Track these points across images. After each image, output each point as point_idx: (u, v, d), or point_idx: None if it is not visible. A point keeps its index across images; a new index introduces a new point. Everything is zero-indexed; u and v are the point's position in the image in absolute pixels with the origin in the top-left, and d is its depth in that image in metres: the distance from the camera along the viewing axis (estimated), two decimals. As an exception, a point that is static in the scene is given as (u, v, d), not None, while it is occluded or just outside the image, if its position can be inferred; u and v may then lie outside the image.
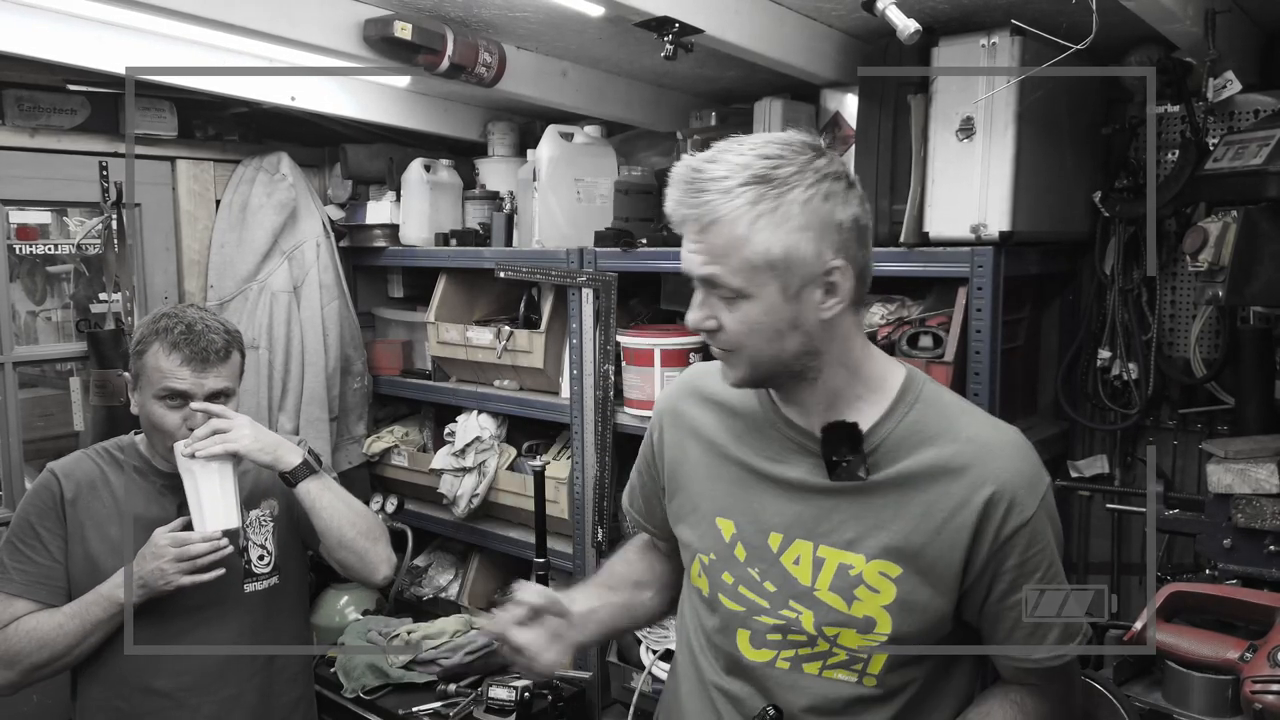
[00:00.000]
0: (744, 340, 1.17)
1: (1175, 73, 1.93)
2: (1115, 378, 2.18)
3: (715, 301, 1.17)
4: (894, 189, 1.98)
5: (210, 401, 1.78)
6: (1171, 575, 1.97)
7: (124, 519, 1.81)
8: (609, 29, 2.06)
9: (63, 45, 2.12)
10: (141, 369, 1.78)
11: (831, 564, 1.24)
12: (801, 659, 1.26)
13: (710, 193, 1.12)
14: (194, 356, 1.75)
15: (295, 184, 2.89)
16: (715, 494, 1.34)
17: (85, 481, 1.83)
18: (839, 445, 1.21)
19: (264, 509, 1.91)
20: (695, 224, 1.14)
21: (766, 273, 1.13)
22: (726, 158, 1.14)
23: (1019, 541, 1.20)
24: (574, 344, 2.50)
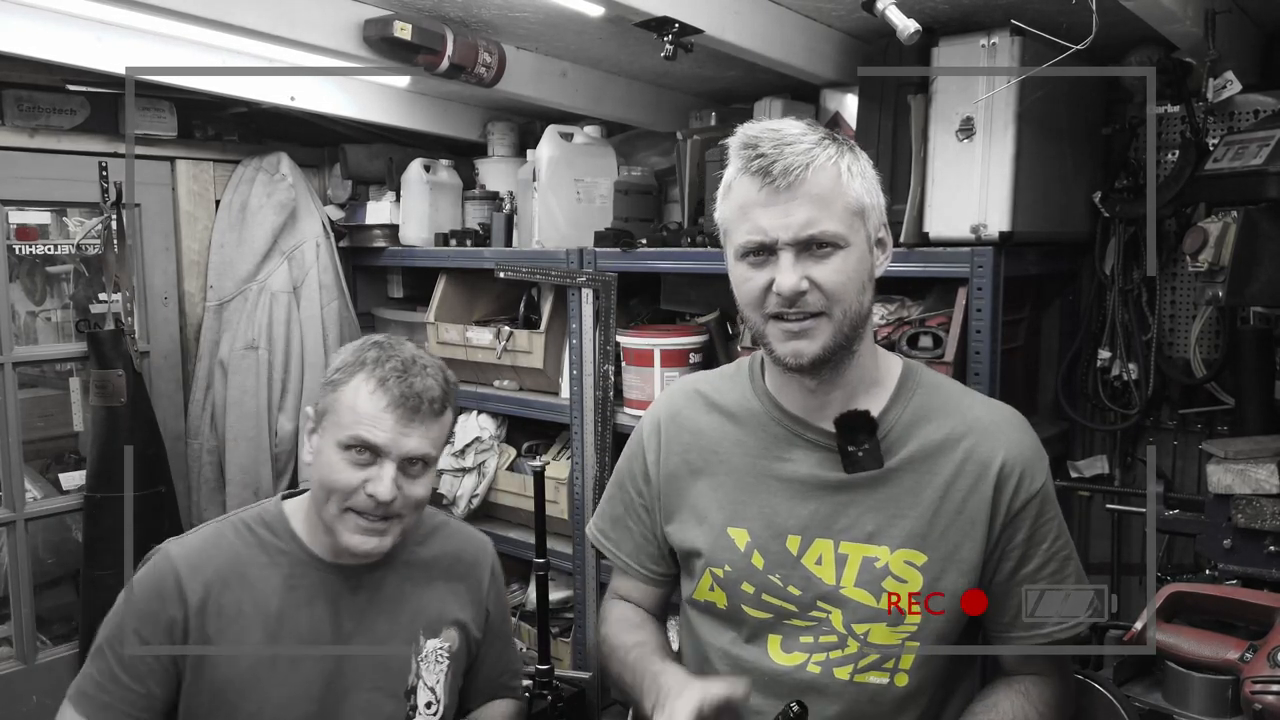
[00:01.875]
0: (840, 293, 1.17)
1: (1175, 73, 1.93)
2: (1115, 378, 2.18)
3: (807, 261, 1.16)
4: (894, 189, 1.97)
5: (405, 470, 1.36)
6: (1171, 575, 1.97)
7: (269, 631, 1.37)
8: (609, 29, 2.06)
9: (63, 45, 2.12)
10: (331, 405, 1.36)
11: (855, 559, 1.23)
12: (833, 663, 1.24)
13: (804, 143, 1.15)
14: (403, 402, 1.34)
15: (295, 184, 2.89)
16: (724, 502, 1.30)
17: (218, 577, 1.37)
18: (856, 434, 1.21)
19: (443, 640, 1.47)
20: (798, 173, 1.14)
21: (859, 219, 1.19)
22: (788, 123, 1.18)
23: (1029, 513, 1.23)
24: (574, 344, 2.50)
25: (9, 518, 2.56)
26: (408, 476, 1.36)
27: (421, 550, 1.50)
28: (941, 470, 1.22)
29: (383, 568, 1.44)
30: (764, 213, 1.16)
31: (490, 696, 1.59)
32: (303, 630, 1.38)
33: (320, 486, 1.37)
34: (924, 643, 1.22)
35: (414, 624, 1.44)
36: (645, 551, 1.43)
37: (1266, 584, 1.65)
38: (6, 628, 2.67)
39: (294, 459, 2.86)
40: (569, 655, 2.65)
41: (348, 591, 1.42)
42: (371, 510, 1.34)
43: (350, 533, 1.35)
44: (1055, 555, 1.26)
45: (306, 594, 1.40)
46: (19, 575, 2.57)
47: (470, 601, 1.52)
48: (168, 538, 1.46)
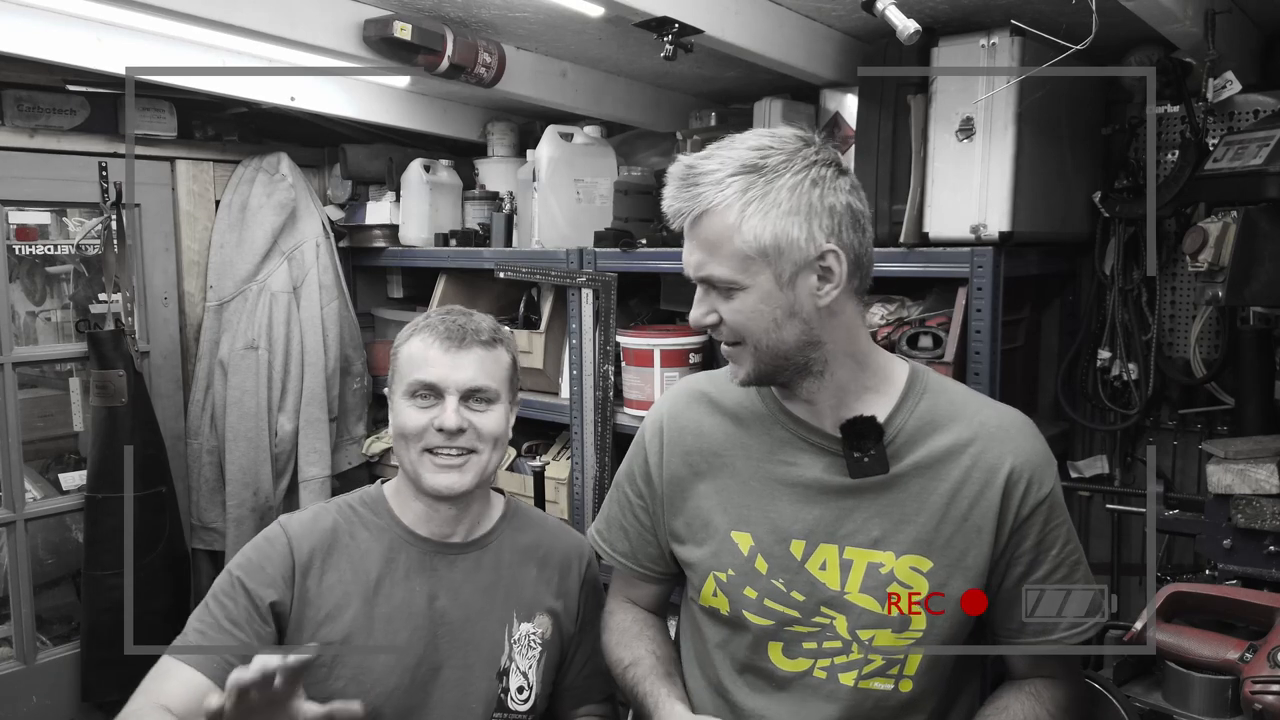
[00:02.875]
0: (744, 331, 1.18)
1: (1175, 73, 1.93)
2: (1115, 378, 2.18)
3: (714, 297, 1.19)
4: (894, 189, 1.98)
5: (468, 404, 1.41)
6: (1171, 575, 1.97)
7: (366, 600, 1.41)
8: (609, 29, 2.06)
9: (63, 45, 2.12)
10: (394, 369, 1.46)
11: (860, 565, 1.22)
12: (838, 668, 1.24)
13: (702, 185, 1.15)
14: (449, 335, 1.42)
15: (295, 184, 2.89)
16: (727, 506, 1.30)
17: (323, 544, 1.43)
18: (862, 439, 1.20)
19: (536, 625, 1.49)
20: (689, 217, 1.16)
21: (759, 261, 1.14)
22: (719, 153, 1.16)
23: (1037, 519, 1.22)
24: (574, 344, 2.50)
25: (9, 518, 2.56)
26: (472, 410, 1.42)
27: (519, 536, 1.54)
28: (949, 476, 1.22)
29: (478, 548, 1.49)
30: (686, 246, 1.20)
31: (581, 699, 1.58)
32: (398, 601, 1.42)
33: (399, 439, 1.43)
34: (929, 648, 1.22)
35: (507, 605, 1.47)
36: (643, 551, 1.43)
37: (1266, 584, 1.65)
38: (6, 628, 2.67)
39: (294, 459, 2.86)
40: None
41: (444, 567, 1.46)
42: (445, 445, 1.40)
43: (430, 473, 1.41)
44: (1064, 561, 1.25)
45: (404, 567, 1.44)
46: (19, 575, 2.57)
47: (564, 593, 1.54)
48: (168, 538, 1.45)
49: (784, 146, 1.15)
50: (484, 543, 1.50)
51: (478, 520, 1.51)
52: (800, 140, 1.17)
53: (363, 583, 1.42)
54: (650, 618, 1.49)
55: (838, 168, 1.18)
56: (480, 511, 1.52)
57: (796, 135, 1.18)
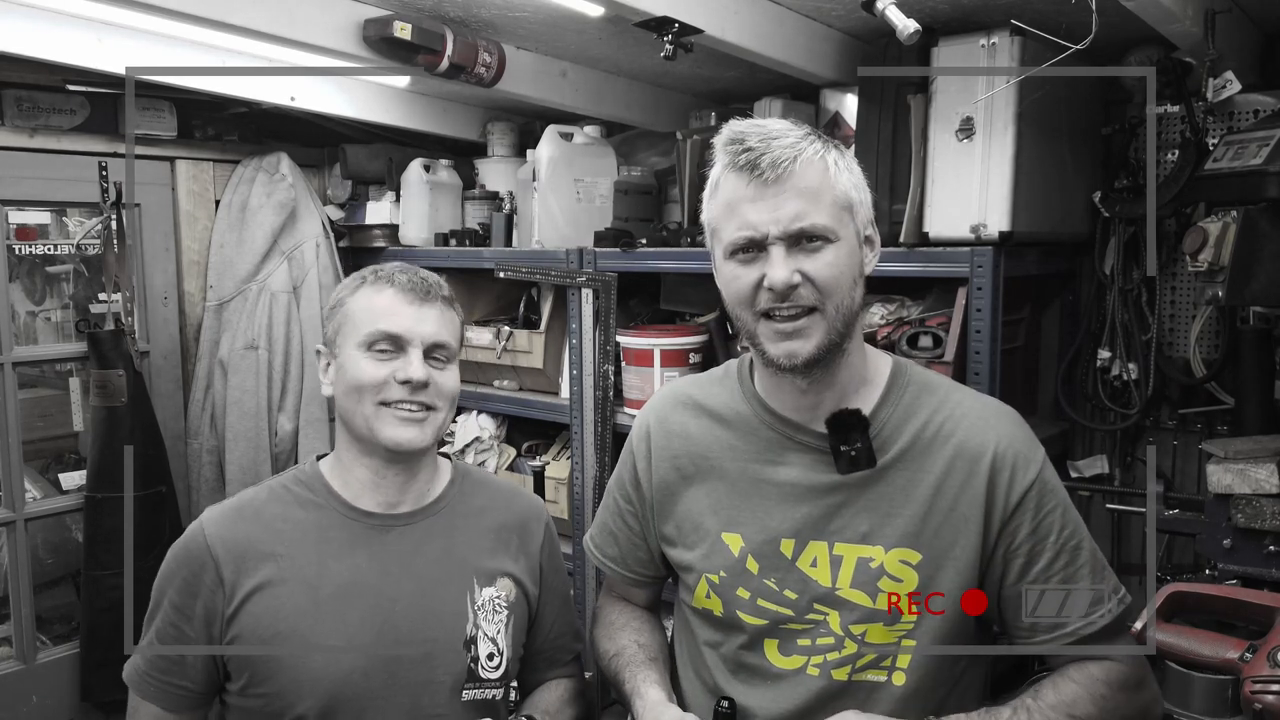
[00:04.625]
0: (832, 288, 1.16)
1: (1175, 73, 1.93)
2: (1115, 378, 2.18)
3: (799, 255, 1.15)
4: (894, 189, 1.98)
5: (430, 360, 1.36)
6: (1171, 575, 1.97)
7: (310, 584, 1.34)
8: (609, 29, 2.06)
9: (63, 45, 2.12)
10: (342, 321, 1.38)
11: (850, 560, 1.23)
12: (831, 664, 1.24)
13: (790, 137, 1.15)
14: (413, 289, 1.36)
15: (295, 184, 2.89)
16: (717, 508, 1.30)
17: (250, 539, 1.35)
18: (848, 433, 1.21)
19: (499, 589, 1.42)
20: (785, 166, 1.13)
21: (848, 214, 1.18)
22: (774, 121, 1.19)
23: (1029, 505, 1.21)
24: (574, 344, 2.50)
25: (9, 518, 2.56)
26: (434, 366, 1.36)
27: (471, 500, 1.48)
28: (933, 467, 1.22)
29: (427, 515, 1.43)
30: (752, 208, 1.15)
31: (551, 662, 1.54)
32: (344, 582, 1.34)
33: (349, 393, 1.35)
34: (921, 641, 1.22)
35: (466, 571, 1.40)
36: (632, 556, 1.44)
37: (1266, 584, 1.66)
38: (6, 628, 2.67)
39: (294, 459, 2.86)
40: (569, 655, 2.65)
41: (393, 540, 1.39)
42: (407, 397, 1.34)
43: (389, 425, 1.34)
44: (1065, 548, 1.23)
45: (347, 545, 1.37)
46: (19, 575, 2.57)
47: (524, 554, 1.48)
48: (168, 538, 1.45)
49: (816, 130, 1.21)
50: (434, 510, 1.43)
51: (426, 486, 1.44)
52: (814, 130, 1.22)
53: (303, 567, 1.34)
54: (638, 610, 1.51)
55: None
56: (429, 477, 1.45)
57: None
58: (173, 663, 1.34)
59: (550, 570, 1.52)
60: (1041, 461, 1.24)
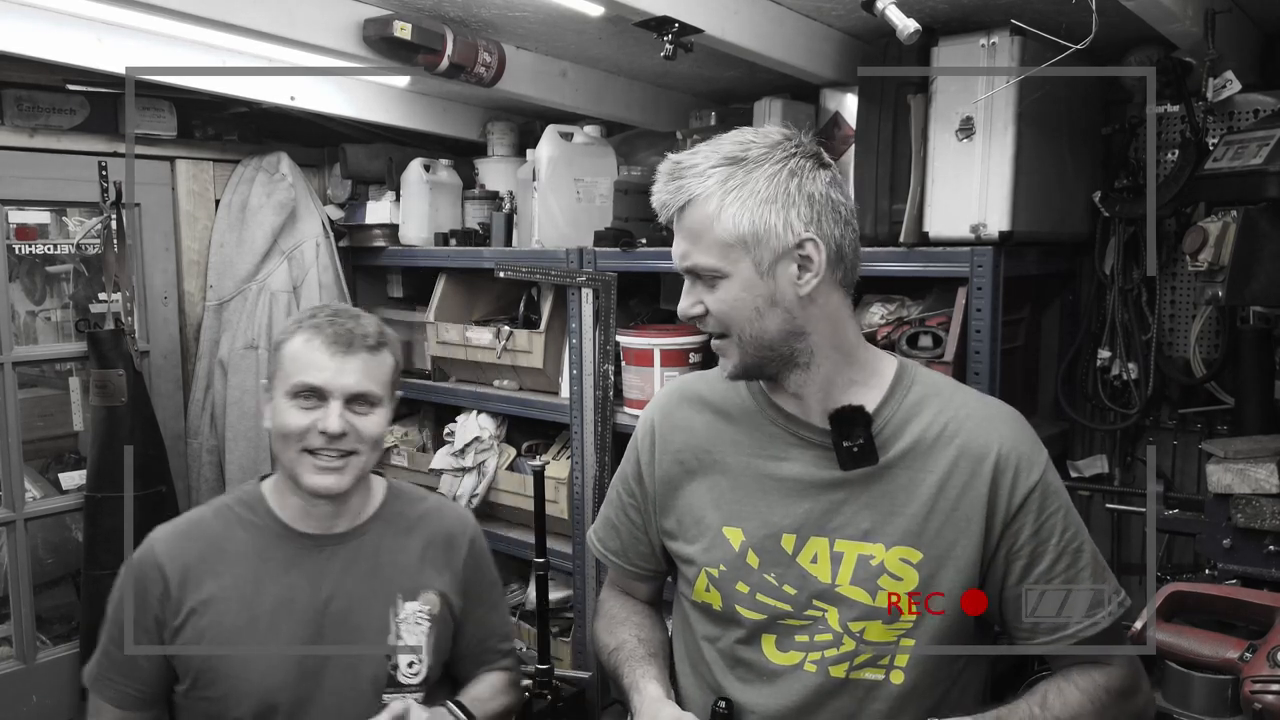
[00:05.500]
0: (728, 320, 1.20)
1: (1175, 73, 1.93)
2: (1115, 378, 2.18)
3: (700, 288, 1.22)
4: (894, 189, 1.98)
5: (352, 409, 1.42)
6: (1171, 575, 1.97)
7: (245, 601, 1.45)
8: (609, 29, 2.06)
9: (63, 45, 2.12)
10: (277, 364, 1.45)
11: (851, 557, 1.23)
12: (829, 661, 1.24)
13: (686, 178, 1.19)
14: (336, 340, 1.42)
15: (295, 184, 2.89)
16: (719, 502, 1.31)
17: (196, 558, 1.46)
18: (851, 428, 1.21)
19: (422, 603, 1.51)
20: (674, 209, 1.21)
21: (739, 248, 1.17)
22: (704, 148, 1.21)
23: (1031, 507, 1.21)
24: (573, 344, 2.50)
25: (9, 518, 2.56)
26: (355, 414, 1.43)
27: (399, 520, 1.57)
28: (936, 466, 1.22)
29: (357, 536, 1.52)
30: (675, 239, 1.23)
31: (478, 662, 1.62)
32: (280, 597, 1.46)
33: (278, 438, 1.44)
34: (919, 640, 1.22)
35: (390, 588, 1.50)
36: (634, 550, 1.45)
37: (1266, 583, 1.66)
38: (6, 628, 2.67)
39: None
40: (569, 655, 2.65)
41: (325, 559, 1.49)
42: (325, 446, 1.41)
43: (309, 473, 1.42)
44: (1066, 549, 1.23)
45: (282, 564, 1.47)
46: (19, 575, 2.58)
47: (449, 568, 1.57)
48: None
49: (765, 140, 1.19)
50: (364, 530, 1.53)
51: (358, 511, 1.54)
52: (783, 135, 1.20)
53: (243, 583, 1.45)
54: (640, 605, 1.51)
55: (818, 160, 1.20)
56: (360, 503, 1.54)
57: (780, 131, 1.21)
58: (128, 667, 1.46)
59: (474, 581, 1.60)
60: (1045, 464, 1.24)
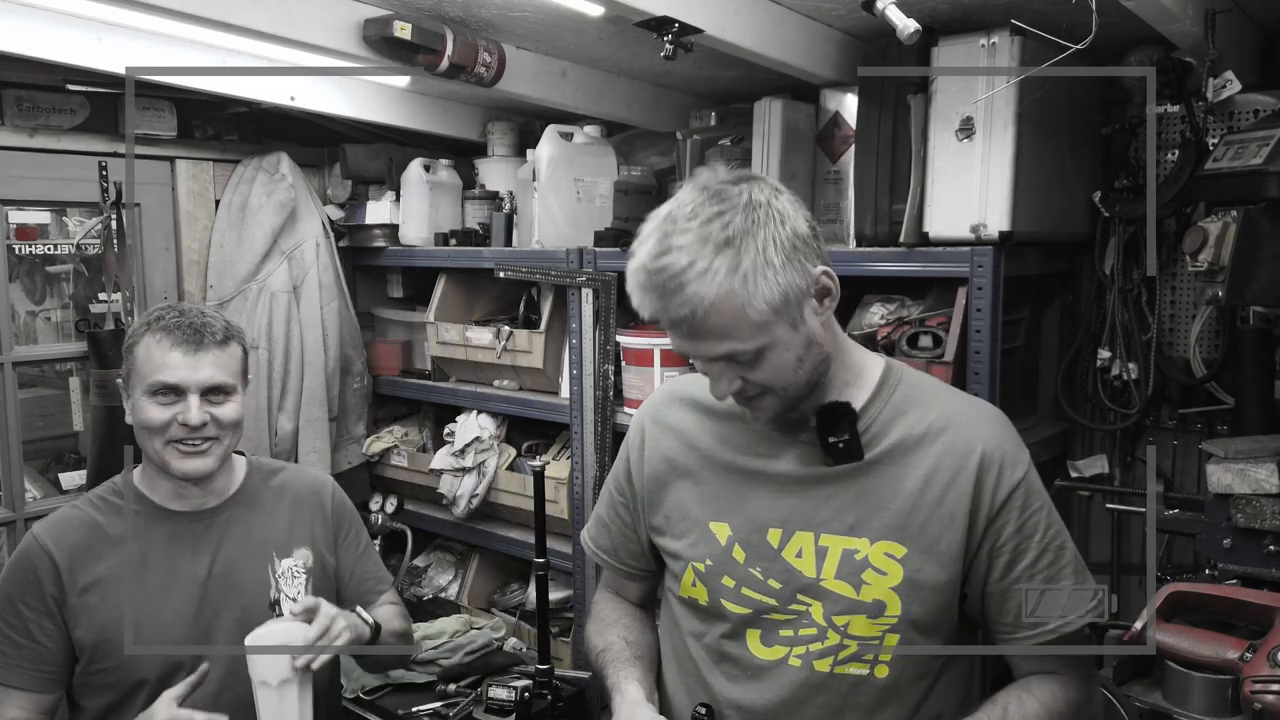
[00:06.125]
0: (773, 384, 1.19)
1: (1175, 73, 1.93)
2: (1115, 378, 2.18)
3: (735, 368, 1.17)
4: (894, 189, 1.98)
5: (207, 400, 1.55)
6: (1171, 575, 1.97)
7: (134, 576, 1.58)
8: (609, 29, 2.06)
9: (63, 45, 2.12)
10: (132, 366, 1.57)
11: (835, 552, 1.24)
12: (813, 655, 1.25)
13: (689, 286, 1.09)
14: (186, 339, 1.54)
15: (295, 184, 2.89)
16: (706, 499, 1.33)
17: (81, 543, 1.58)
18: (837, 424, 1.23)
19: (296, 558, 1.65)
20: (686, 323, 1.12)
21: (774, 320, 1.13)
22: (676, 242, 1.10)
23: (1014, 504, 1.23)
24: (574, 344, 2.50)
25: (9, 518, 2.56)
26: (212, 404, 1.56)
27: (263, 489, 1.72)
28: (921, 463, 1.23)
29: (230, 507, 1.67)
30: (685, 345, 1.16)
31: (363, 600, 1.75)
32: (165, 571, 1.60)
33: (142, 431, 1.58)
34: (903, 634, 1.23)
35: (265, 548, 1.63)
36: (624, 548, 1.47)
37: (1266, 583, 1.66)
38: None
39: (294, 458, 2.86)
40: (569, 655, 2.65)
41: (200, 532, 1.63)
42: (188, 436, 1.55)
43: (177, 460, 1.56)
44: (1049, 547, 1.24)
45: (164, 539, 1.61)
46: (19, 575, 2.57)
47: (315, 522, 1.74)
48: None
49: (732, 203, 1.11)
50: (234, 502, 1.67)
51: (225, 487, 1.67)
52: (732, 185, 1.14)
53: (128, 561, 1.58)
54: (630, 607, 1.52)
55: (775, 189, 1.16)
56: (225, 480, 1.68)
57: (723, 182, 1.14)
58: (34, 652, 1.55)
59: (341, 531, 1.79)
60: (1028, 464, 1.25)
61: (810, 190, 2.22)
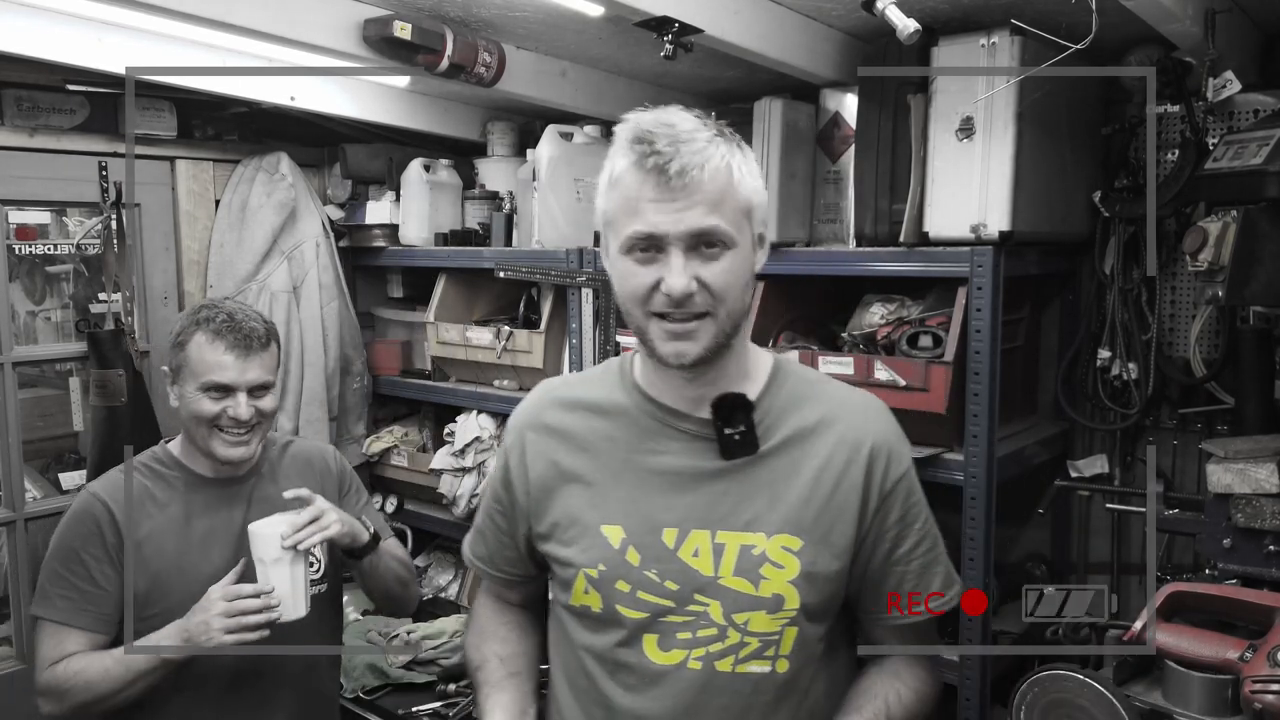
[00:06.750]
0: (726, 293, 1.16)
1: (1175, 73, 1.93)
2: (1115, 378, 2.18)
3: (696, 262, 1.15)
4: (894, 189, 1.98)
5: (252, 396, 1.75)
6: (1171, 575, 1.97)
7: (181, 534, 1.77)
8: (609, 29, 2.06)
9: (63, 45, 2.12)
10: (184, 361, 1.75)
11: (733, 548, 1.23)
12: (713, 656, 1.23)
13: (697, 141, 1.13)
14: (237, 344, 1.73)
15: (295, 184, 2.89)
16: (596, 502, 1.28)
17: (134, 502, 1.77)
18: (733, 414, 1.22)
19: None
20: (693, 174, 1.12)
21: (747, 219, 1.18)
22: (680, 117, 1.16)
23: (899, 493, 1.27)
24: (574, 344, 2.50)
25: (9, 518, 2.56)
26: (255, 398, 1.77)
27: (280, 458, 1.93)
28: (815, 454, 1.25)
29: (254, 475, 1.87)
30: (655, 209, 1.13)
31: None
32: (207, 528, 1.80)
33: (191, 420, 1.77)
34: (801, 628, 1.24)
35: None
36: (500, 555, 1.43)
37: (1266, 583, 1.66)
38: (6, 628, 2.67)
39: (294, 459, 2.87)
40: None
41: (233, 494, 1.83)
42: (235, 427, 1.75)
43: (223, 447, 1.76)
44: (926, 534, 1.31)
45: (201, 503, 1.81)
46: (19, 575, 2.58)
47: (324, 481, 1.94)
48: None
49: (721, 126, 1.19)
50: (258, 470, 1.87)
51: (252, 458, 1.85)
52: None
53: (173, 520, 1.78)
54: (509, 614, 1.49)
55: None
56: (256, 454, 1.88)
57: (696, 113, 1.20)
58: (96, 595, 1.73)
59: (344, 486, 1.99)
60: (909, 456, 1.31)
61: (810, 190, 2.22)
